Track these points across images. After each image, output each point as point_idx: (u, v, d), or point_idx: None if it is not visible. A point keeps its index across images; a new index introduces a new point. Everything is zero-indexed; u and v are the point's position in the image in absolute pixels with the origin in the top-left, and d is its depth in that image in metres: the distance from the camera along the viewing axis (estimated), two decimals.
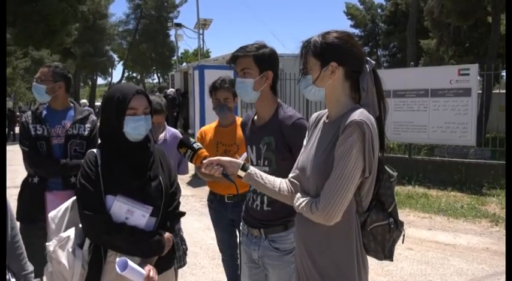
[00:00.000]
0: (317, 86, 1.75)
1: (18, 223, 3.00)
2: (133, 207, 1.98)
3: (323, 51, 1.72)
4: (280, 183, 1.89)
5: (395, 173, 1.78)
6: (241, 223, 2.48)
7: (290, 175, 1.90)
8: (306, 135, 1.93)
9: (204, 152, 1.94)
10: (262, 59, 2.23)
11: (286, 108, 2.32)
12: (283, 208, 2.18)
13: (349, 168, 1.59)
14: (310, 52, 1.75)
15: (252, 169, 1.89)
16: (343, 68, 1.72)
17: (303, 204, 1.70)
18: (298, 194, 1.76)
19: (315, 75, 1.74)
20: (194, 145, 1.94)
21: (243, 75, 2.24)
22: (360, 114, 1.61)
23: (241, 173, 1.88)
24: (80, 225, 2.04)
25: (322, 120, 1.85)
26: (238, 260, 3.43)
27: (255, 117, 2.39)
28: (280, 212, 2.24)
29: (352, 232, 1.69)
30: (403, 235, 1.80)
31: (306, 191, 1.77)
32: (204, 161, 1.90)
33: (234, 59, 2.27)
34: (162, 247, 2.04)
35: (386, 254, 1.77)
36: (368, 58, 1.76)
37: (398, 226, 1.77)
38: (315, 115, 1.92)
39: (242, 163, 1.88)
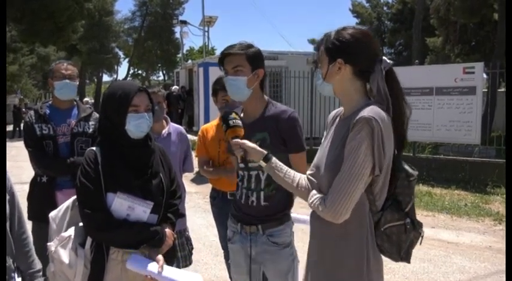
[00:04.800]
0: (325, 81, 1.76)
1: (30, 222, 3.06)
2: (134, 203, 1.98)
3: (332, 47, 1.71)
4: (299, 178, 1.86)
5: (415, 172, 1.73)
6: (229, 221, 2.49)
7: (308, 172, 1.88)
8: (324, 133, 1.91)
9: (237, 131, 1.95)
10: (254, 57, 2.26)
11: (276, 104, 2.36)
12: (279, 202, 2.27)
13: (357, 165, 1.57)
14: (323, 46, 1.75)
15: (274, 161, 1.87)
16: (351, 66, 1.70)
17: (315, 201, 1.69)
18: (313, 191, 1.75)
19: (323, 70, 1.75)
20: (230, 122, 1.95)
21: (234, 73, 2.24)
22: (369, 110, 1.59)
23: (262, 163, 1.87)
24: (81, 224, 2.04)
25: (338, 118, 1.84)
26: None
27: (242, 115, 2.38)
28: (277, 206, 2.29)
29: (363, 232, 1.66)
30: (422, 236, 1.76)
31: (320, 188, 1.75)
32: (232, 141, 1.93)
33: (225, 57, 2.28)
34: (161, 237, 2.02)
35: (403, 255, 1.72)
36: (384, 58, 1.71)
37: (416, 226, 1.72)
38: (333, 113, 1.91)
39: (265, 152, 1.88)
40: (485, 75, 10.27)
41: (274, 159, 1.88)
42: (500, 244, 5.26)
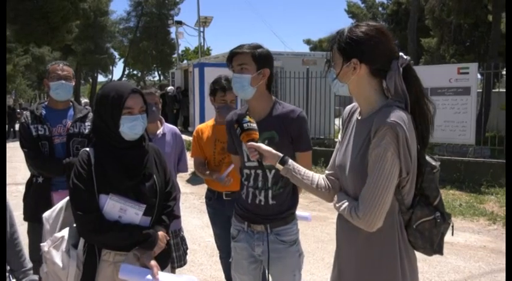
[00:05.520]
0: (340, 81, 1.71)
1: (26, 223, 3.05)
2: (126, 205, 1.97)
3: (346, 47, 1.66)
4: (318, 179, 1.85)
5: (437, 163, 1.71)
6: (233, 220, 2.50)
7: (327, 172, 1.86)
8: (340, 129, 1.89)
9: (252, 134, 1.96)
10: (260, 57, 2.28)
11: (283, 104, 2.39)
12: (286, 200, 2.31)
13: (385, 173, 1.55)
14: (336, 45, 1.70)
15: (291, 163, 1.86)
16: (366, 65, 1.65)
17: (343, 207, 1.67)
18: (338, 195, 1.73)
19: (337, 70, 1.70)
20: (244, 125, 1.97)
21: (240, 70, 2.27)
22: (391, 114, 1.55)
23: (279, 166, 1.86)
24: (75, 225, 2.03)
25: (355, 116, 1.80)
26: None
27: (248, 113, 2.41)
28: (284, 204, 2.32)
29: (393, 231, 1.64)
30: (452, 226, 1.74)
31: (345, 190, 1.74)
32: (248, 144, 1.93)
33: (232, 55, 2.31)
34: (153, 239, 2.01)
35: (436, 249, 1.72)
36: (401, 54, 1.66)
37: (446, 218, 1.70)
38: (348, 108, 1.87)
39: (281, 155, 1.88)
40: (479, 76, 10.34)
41: (290, 161, 1.87)
42: (494, 243, 5.29)
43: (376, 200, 1.56)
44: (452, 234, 1.77)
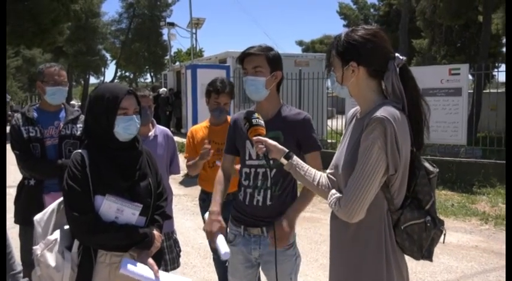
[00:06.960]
0: (340, 84, 1.76)
1: (17, 226, 3.03)
2: (123, 206, 1.97)
3: (344, 51, 1.71)
4: (320, 177, 1.86)
5: (435, 170, 1.73)
6: (229, 224, 2.47)
7: (328, 171, 1.89)
8: (343, 131, 1.93)
9: (259, 130, 2.01)
10: (273, 59, 2.29)
11: (290, 107, 2.41)
12: (284, 203, 2.29)
13: (370, 165, 1.57)
14: (334, 50, 1.74)
15: (295, 159, 1.89)
16: (364, 67, 1.69)
17: (332, 200, 1.69)
18: (332, 191, 1.75)
19: (337, 73, 1.75)
20: (253, 121, 2.03)
21: (254, 73, 2.27)
22: (383, 110, 1.59)
23: (283, 160, 1.89)
24: (66, 227, 2.02)
25: (355, 117, 1.84)
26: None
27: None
28: (282, 208, 2.29)
29: (381, 231, 1.65)
30: (444, 234, 1.74)
31: (339, 188, 1.76)
32: (254, 138, 1.97)
33: (244, 56, 2.30)
34: (150, 239, 2.02)
35: (424, 254, 1.72)
36: (397, 55, 1.70)
37: (437, 224, 1.71)
38: (351, 111, 1.90)
39: (287, 150, 1.91)
40: (470, 77, 10.41)
41: (295, 157, 1.89)
42: (486, 243, 5.33)
43: (357, 191, 1.58)
44: (444, 242, 1.76)
